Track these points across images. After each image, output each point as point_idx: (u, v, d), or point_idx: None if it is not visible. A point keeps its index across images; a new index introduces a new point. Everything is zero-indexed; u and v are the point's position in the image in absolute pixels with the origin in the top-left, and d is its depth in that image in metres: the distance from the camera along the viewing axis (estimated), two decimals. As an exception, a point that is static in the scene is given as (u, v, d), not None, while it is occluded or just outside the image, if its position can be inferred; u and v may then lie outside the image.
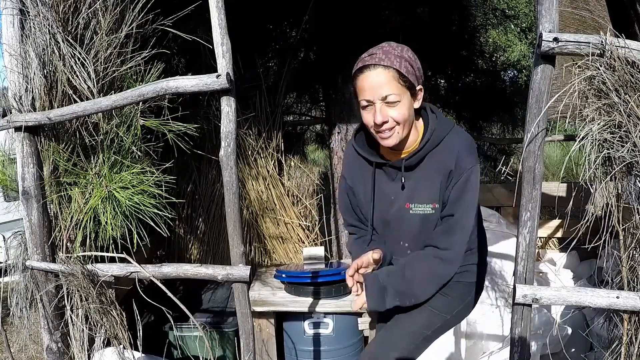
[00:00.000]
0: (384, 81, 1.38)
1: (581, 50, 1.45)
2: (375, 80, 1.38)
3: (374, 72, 1.39)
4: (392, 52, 1.40)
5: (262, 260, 3.38)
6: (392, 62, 1.38)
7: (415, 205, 1.52)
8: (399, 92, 1.40)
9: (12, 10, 1.83)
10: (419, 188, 1.52)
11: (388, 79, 1.38)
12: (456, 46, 4.82)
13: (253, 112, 3.42)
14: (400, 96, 1.40)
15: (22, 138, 1.88)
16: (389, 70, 1.38)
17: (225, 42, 1.62)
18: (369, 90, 1.40)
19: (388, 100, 1.39)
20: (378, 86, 1.39)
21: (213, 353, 2.61)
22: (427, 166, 1.51)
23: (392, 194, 1.56)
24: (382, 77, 1.38)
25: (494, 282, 2.60)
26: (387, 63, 1.38)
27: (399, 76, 1.39)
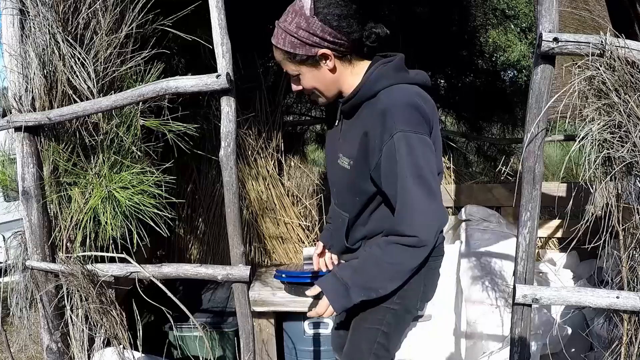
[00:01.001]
0: (280, 59, 1.41)
1: (581, 50, 1.45)
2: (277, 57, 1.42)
3: (275, 51, 1.40)
4: (280, 26, 1.36)
5: (262, 260, 3.38)
6: (277, 41, 1.37)
7: (341, 157, 1.45)
8: (294, 68, 1.40)
9: (12, 10, 1.83)
10: (347, 138, 1.44)
11: (280, 59, 1.41)
12: (456, 46, 4.82)
13: (253, 112, 3.42)
14: (298, 69, 1.39)
15: (22, 138, 1.88)
16: (278, 51, 1.39)
17: (225, 42, 1.62)
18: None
19: (290, 74, 1.42)
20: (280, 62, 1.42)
21: (213, 353, 2.61)
22: (358, 117, 1.41)
23: (335, 142, 1.54)
24: (279, 56, 1.40)
25: (494, 282, 2.60)
26: (274, 41, 1.38)
27: (286, 55, 1.38)
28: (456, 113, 5.35)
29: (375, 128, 1.30)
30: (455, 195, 3.40)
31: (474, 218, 3.11)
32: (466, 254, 2.75)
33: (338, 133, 1.52)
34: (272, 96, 3.53)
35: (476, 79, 5.25)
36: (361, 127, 1.37)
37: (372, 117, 1.32)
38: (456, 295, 2.58)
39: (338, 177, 1.51)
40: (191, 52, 3.28)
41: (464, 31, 4.81)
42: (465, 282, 2.63)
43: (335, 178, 1.56)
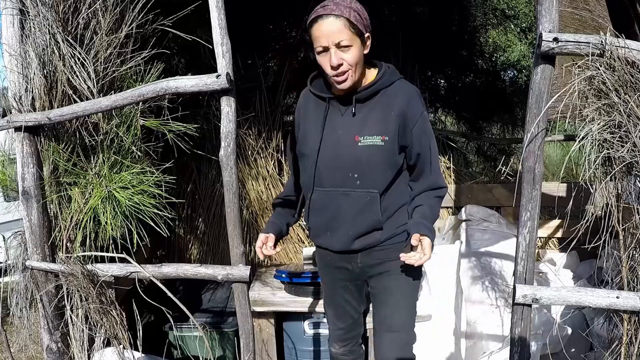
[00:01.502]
0: (336, 29, 1.51)
1: (581, 50, 1.45)
2: (329, 28, 1.52)
3: (327, 21, 1.52)
4: (342, 3, 1.54)
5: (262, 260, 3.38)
6: (342, 12, 1.52)
7: (365, 138, 1.62)
8: (350, 38, 1.53)
9: (12, 10, 1.83)
10: (369, 120, 1.63)
11: (339, 27, 1.51)
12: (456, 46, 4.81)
13: (253, 112, 3.42)
14: (352, 41, 1.53)
15: (22, 138, 1.88)
16: (339, 19, 1.51)
17: (225, 42, 1.62)
18: (324, 37, 1.53)
19: (341, 45, 1.53)
20: (331, 33, 1.52)
21: (213, 353, 2.61)
22: (379, 103, 1.64)
23: (341, 128, 1.66)
24: (335, 25, 1.51)
25: (493, 282, 2.60)
26: (337, 12, 1.51)
27: (349, 24, 1.52)
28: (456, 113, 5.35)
29: (408, 108, 1.62)
30: (455, 195, 3.40)
31: (474, 218, 3.11)
32: (466, 254, 2.75)
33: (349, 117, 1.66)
34: (272, 96, 3.54)
35: (476, 79, 5.25)
36: (389, 109, 1.62)
37: (401, 102, 1.62)
38: (456, 295, 2.58)
39: (363, 155, 1.63)
40: (191, 52, 3.28)
41: (464, 31, 4.81)
42: (465, 282, 2.63)
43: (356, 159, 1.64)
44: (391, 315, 1.72)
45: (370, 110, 1.65)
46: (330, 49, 1.53)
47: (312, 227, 1.79)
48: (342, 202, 1.68)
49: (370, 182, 1.65)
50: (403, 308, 1.73)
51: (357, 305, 1.86)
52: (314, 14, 1.54)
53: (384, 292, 1.74)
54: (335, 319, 1.89)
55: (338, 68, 1.54)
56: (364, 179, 1.65)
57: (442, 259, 2.65)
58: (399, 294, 1.73)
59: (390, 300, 1.73)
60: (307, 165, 1.72)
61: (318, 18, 1.53)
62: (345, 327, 1.87)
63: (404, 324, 1.73)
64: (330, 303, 1.90)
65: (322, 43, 1.53)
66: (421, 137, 1.65)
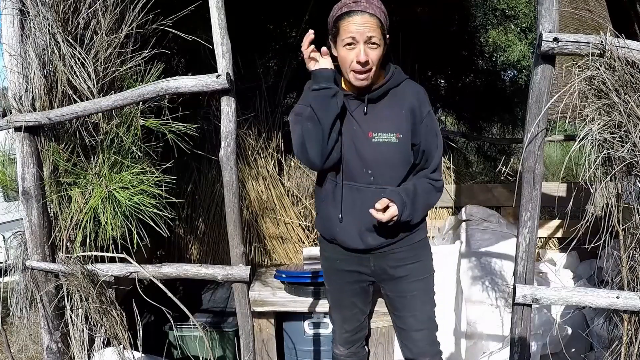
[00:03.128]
0: (370, 26, 1.55)
1: (581, 50, 1.45)
2: (363, 24, 1.54)
3: (361, 17, 1.54)
4: (373, 3, 1.58)
5: (262, 260, 3.38)
6: (376, 11, 1.56)
7: (379, 134, 1.65)
8: (380, 38, 1.57)
9: (12, 10, 1.83)
10: (383, 118, 1.66)
11: (373, 25, 1.55)
12: (456, 46, 4.81)
13: (253, 112, 3.42)
14: (380, 41, 1.58)
15: (22, 138, 1.88)
16: (374, 18, 1.55)
17: (225, 42, 1.62)
18: (356, 31, 1.54)
19: (372, 41, 1.56)
20: (365, 29, 1.54)
21: (213, 353, 2.61)
22: (390, 101, 1.68)
23: (354, 124, 1.68)
24: (369, 22, 1.54)
25: (494, 282, 2.60)
26: (372, 11, 1.55)
27: (380, 24, 1.57)
28: (456, 113, 5.35)
29: (417, 106, 1.67)
30: (456, 195, 3.40)
31: (474, 218, 3.11)
32: (466, 254, 2.75)
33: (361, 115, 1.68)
34: (272, 96, 3.54)
35: (476, 79, 5.24)
36: (400, 107, 1.67)
37: (411, 99, 1.67)
38: (456, 295, 2.58)
39: (377, 151, 1.65)
40: (191, 52, 3.28)
41: (464, 31, 4.80)
42: (466, 282, 2.63)
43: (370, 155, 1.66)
44: (417, 315, 1.78)
45: (381, 109, 1.67)
46: (360, 44, 1.55)
47: (323, 218, 1.77)
48: (358, 197, 1.69)
49: (384, 179, 1.67)
50: (427, 306, 1.80)
51: (364, 307, 1.88)
52: (345, 7, 1.56)
53: (405, 296, 1.77)
54: (343, 322, 1.88)
55: (365, 65, 1.56)
56: (378, 175, 1.67)
57: (442, 259, 2.65)
58: (421, 295, 1.78)
59: (414, 303, 1.77)
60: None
61: (352, 12, 1.54)
62: (352, 329, 1.88)
63: (429, 320, 1.80)
64: (337, 306, 1.89)
65: (354, 35, 1.54)
66: (428, 134, 1.69)
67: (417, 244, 1.76)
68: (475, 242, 2.84)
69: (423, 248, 1.79)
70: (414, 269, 1.75)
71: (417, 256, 1.76)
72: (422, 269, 1.77)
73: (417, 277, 1.76)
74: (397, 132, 1.65)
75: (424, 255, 1.79)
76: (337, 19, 1.58)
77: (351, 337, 1.90)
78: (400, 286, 1.76)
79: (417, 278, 1.76)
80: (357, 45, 1.55)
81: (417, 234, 1.76)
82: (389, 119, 1.66)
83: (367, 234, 1.69)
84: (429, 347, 1.80)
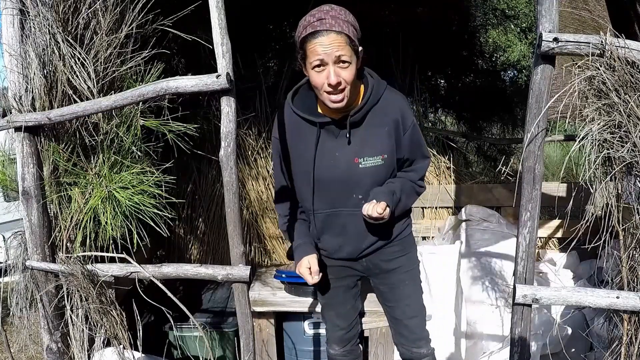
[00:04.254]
0: (337, 45, 1.45)
1: (581, 50, 1.45)
2: (329, 44, 1.45)
3: (327, 38, 1.45)
4: (340, 17, 1.47)
5: (262, 260, 3.38)
6: (343, 28, 1.46)
7: (365, 159, 1.62)
8: (350, 55, 1.48)
9: (12, 10, 1.83)
10: (367, 142, 1.62)
11: (340, 43, 1.46)
12: (456, 46, 4.81)
13: (253, 112, 3.42)
14: (351, 58, 1.48)
15: (22, 138, 1.88)
16: (341, 36, 1.45)
17: (225, 42, 1.62)
18: (323, 53, 1.45)
19: (341, 60, 1.46)
20: (332, 50, 1.45)
21: (213, 353, 2.61)
22: (371, 121, 1.62)
23: (336, 151, 1.64)
24: (336, 42, 1.45)
25: (494, 282, 2.60)
26: (338, 29, 1.45)
27: (349, 41, 1.47)
28: (456, 113, 5.35)
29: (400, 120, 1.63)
30: (455, 195, 3.40)
31: (474, 218, 3.11)
32: (466, 254, 2.75)
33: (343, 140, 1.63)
34: (272, 96, 3.54)
35: (476, 79, 5.24)
36: (382, 126, 1.62)
37: (391, 115, 1.62)
38: (456, 295, 2.58)
39: (366, 176, 1.63)
40: (191, 52, 3.28)
41: (464, 31, 4.81)
42: (466, 282, 2.63)
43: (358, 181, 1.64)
44: (410, 304, 1.85)
45: (364, 130, 1.62)
46: (329, 66, 1.46)
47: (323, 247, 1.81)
48: (348, 222, 1.71)
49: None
50: (417, 293, 1.88)
51: (355, 304, 1.93)
52: (310, 27, 1.46)
53: (397, 287, 1.84)
54: (336, 319, 1.90)
55: (337, 87, 1.48)
56: (367, 197, 1.65)
57: (442, 259, 2.65)
58: (412, 285, 1.85)
59: (405, 292, 1.84)
60: (303, 188, 1.71)
61: (317, 34, 1.45)
62: (346, 326, 1.90)
63: (421, 307, 1.89)
64: (329, 304, 1.92)
65: (321, 57, 1.45)
66: (412, 146, 1.69)
67: (406, 238, 1.83)
68: (475, 242, 2.84)
69: (410, 241, 1.86)
70: (403, 261, 1.82)
71: (406, 249, 1.83)
72: (411, 261, 1.85)
73: (407, 268, 1.83)
74: (382, 154, 1.62)
75: (411, 248, 1.86)
76: (302, 41, 1.49)
77: (345, 335, 1.93)
78: (392, 278, 1.82)
79: (407, 269, 1.83)
80: (326, 67, 1.47)
81: (406, 230, 1.83)
82: (373, 141, 1.62)
83: (364, 249, 1.76)
84: (423, 333, 1.89)
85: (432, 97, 5.08)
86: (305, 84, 1.68)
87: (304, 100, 1.67)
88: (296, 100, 1.69)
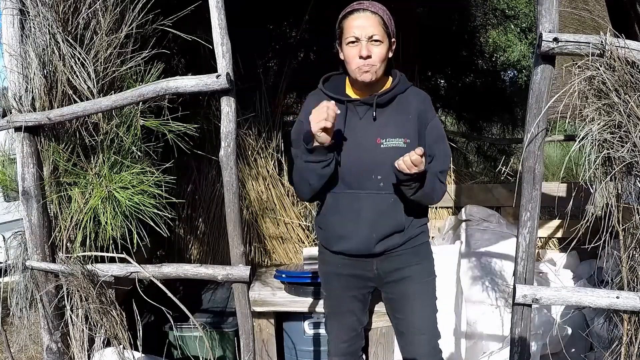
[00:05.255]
0: (371, 23, 1.60)
1: (581, 51, 1.45)
2: (364, 22, 1.60)
3: (364, 15, 1.61)
4: (376, 5, 1.64)
5: (262, 260, 3.38)
6: (377, 10, 1.62)
7: (387, 140, 1.66)
8: (382, 35, 1.61)
9: (12, 10, 1.83)
10: (390, 124, 1.68)
11: (375, 23, 1.60)
12: (456, 46, 4.81)
13: (253, 112, 3.42)
14: (383, 38, 1.61)
15: (22, 138, 1.88)
16: (375, 16, 1.61)
17: (225, 42, 1.62)
18: (357, 28, 1.59)
19: (374, 38, 1.59)
20: (367, 26, 1.59)
21: (213, 353, 2.61)
22: (397, 106, 1.70)
23: (361, 130, 1.68)
24: (370, 20, 1.60)
25: (494, 282, 2.60)
26: (374, 10, 1.61)
27: (383, 22, 1.61)
28: (456, 113, 5.35)
29: (424, 111, 1.70)
30: (455, 195, 3.40)
31: (474, 218, 3.11)
32: (466, 254, 2.75)
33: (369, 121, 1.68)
34: (272, 96, 3.53)
35: (476, 79, 5.24)
36: (407, 113, 1.68)
37: (417, 105, 1.69)
38: (456, 295, 2.58)
39: (387, 156, 1.63)
40: (191, 52, 3.28)
41: (464, 31, 4.81)
42: (466, 282, 2.63)
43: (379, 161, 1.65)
44: (418, 318, 1.76)
45: (389, 114, 1.69)
46: (362, 41, 1.59)
47: (330, 230, 1.76)
48: (365, 205, 1.68)
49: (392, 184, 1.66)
50: (428, 310, 1.78)
51: (361, 317, 1.85)
52: (349, 8, 1.62)
53: (407, 298, 1.76)
54: (339, 331, 1.85)
55: (367, 59, 1.59)
56: (388, 181, 1.65)
57: (442, 259, 2.64)
58: (423, 297, 1.77)
59: (415, 305, 1.76)
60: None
61: (354, 11, 1.61)
62: (349, 339, 1.85)
63: (431, 325, 1.78)
64: (335, 314, 1.87)
65: (356, 34, 1.59)
66: (435, 138, 1.70)
67: (420, 246, 1.76)
68: (475, 242, 2.84)
69: (426, 251, 1.80)
70: (416, 271, 1.75)
71: (420, 259, 1.76)
72: (424, 272, 1.78)
73: (419, 279, 1.76)
74: (404, 137, 1.65)
75: (427, 259, 1.80)
76: (341, 20, 1.64)
77: (348, 349, 1.86)
78: (402, 288, 1.75)
79: (419, 280, 1.76)
80: (359, 42, 1.59)
81: (420, 237, 1.76)
82: (397, 124, 1.67)
83: (375, 241, 1.69)
84: (431, 352, 1.78)
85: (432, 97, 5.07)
86: (337, 74, 1.79)
87: (334, 84, 1.77)
88: (327, 84, 1.78)
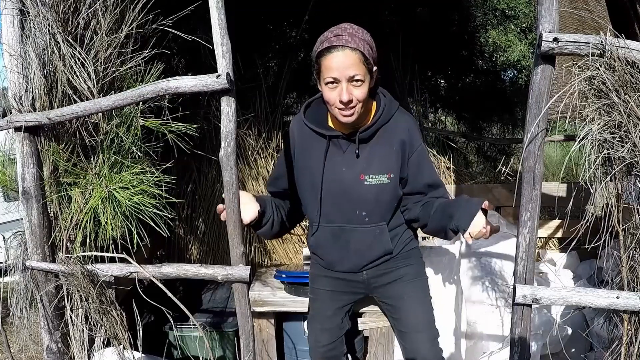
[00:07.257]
0: (351, 62, 1.46)
1: (581, 51, 1.45)
2: (344, 61, 1.45)
3: (342, 53, 1.45)
4: (356, 35, 1.47)
5: (262, 260, 3.38)
6: (358, 45, 1.46)
7: (370, 177, 1.62)
8: (364, 74, 1.48)
9: (12, 10, 1.83)
10: (374, 159, 1.62)
11: (355, 61, 1.46)
12: (456, 46, 4.82)
13: (253, 112, 3.42)
14: (364, 77, 1.49)
15: (22, 138, 1.88)
16: (355, 53, 1.46)
17: (225, 42, 1.62)
18: (336, 69, 1.46)
19: (355, 79, 1.47)
20: (346, 67, 1.45)
21: (213, 353, 2.61)
22: (380, 140, 1.63)
23: (344, 166, 1.64)
24: (350, 58, 1.45)
25: (494, 282, 2.60)
26: (354, 45, 1.45)
27: (364, 59, 1.47)
28: (456, 113, 5.35)
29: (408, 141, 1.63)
30: (455, 195, 3.40)
31: (474, 218, 3.10)
32: (466, 254, 2.75)
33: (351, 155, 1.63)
34: (272, 96, 3.54)
35: (476, 79, 5.25)
36: (390, 144, 1.62)
37: (401, 135, 1.62)
38: (456, 295, 2.58)
39: (370, 193, 1.62)
40: (191, 52, 3.29)
41: (464, 31, 4.81)
42: (465, 282, 2.63)
43: (363, 197, 1.64)
44: (414, 317, 1.76)
45: (372, 148, 1.63)
46: (342, 83, 1.47)
47: (319, 254, 1.80)
48: (351, 238, 1.70)
49: (378, 217, 1.67)
50: (422, 307, 1.79)
51: (342, 323, 1.86)
52: (326, 42, 1.47)
53: (402, 298, 1.77)
54: (320, 334, 1.86)
55: (348, 104, 1.49)
56: (372, 215, 1.66)
57: (442, 259, 2.64)
58: (418, 296, 1.78)
59: (409, 304, 1.77)
60: (309, 199, 1.72)
61: (332, 48, 1.46)
62: (328, 344, 1.85)
63: (428, 322, 1.79)
64: (318, 315, 1.88)
65: (334, 75, 1.47)
66: (415, 168, 1.66)
67: (411, 251, 1.79)
68: (475, 242, 2.84)
69: (415, 255, 1.82)
70: (405, 272, 1.77)
71: (409, 261, 1.79)
72: (414, 272, 1.79)
73: (410, 279, 1.77)
74: (388, 172, 1.62)
75: (415, 261, 1.81)
76: (318, 56, 1.51)
77: (328, 353, 1.86)
78: (394, 289, 1.78)
79: (410, 280, 1.78)
80: (339, 85, 1.48)
81: (410, 243, 1.79)
82: (380, 158, 1.63)
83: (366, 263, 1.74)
84: (429, 349, 1.78)
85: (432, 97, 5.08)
86: (319, 98, 1.70)
87: (316, 113, 1.69)
88: (309, 112, 1.70)
